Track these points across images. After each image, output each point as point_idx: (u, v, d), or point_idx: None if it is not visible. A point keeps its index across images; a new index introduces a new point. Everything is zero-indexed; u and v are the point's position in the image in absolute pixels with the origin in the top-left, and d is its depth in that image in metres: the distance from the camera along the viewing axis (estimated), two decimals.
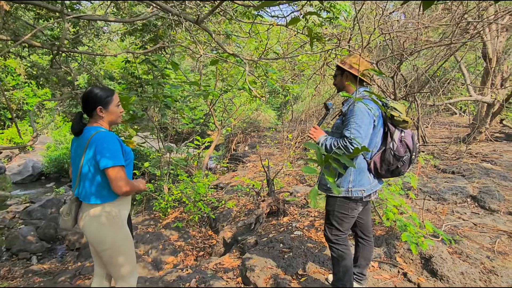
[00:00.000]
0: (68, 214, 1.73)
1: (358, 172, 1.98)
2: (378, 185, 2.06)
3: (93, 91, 1.77)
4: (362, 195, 1.97)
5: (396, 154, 1.93)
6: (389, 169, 1.97)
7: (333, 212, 2.06)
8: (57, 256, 5.65)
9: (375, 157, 1.99)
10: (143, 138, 6.87)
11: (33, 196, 8.28)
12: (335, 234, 2.08)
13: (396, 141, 1.94)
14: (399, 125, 1.94)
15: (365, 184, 1.99)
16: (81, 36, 5.82)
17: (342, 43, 4.24)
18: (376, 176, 2.03)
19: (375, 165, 1.99)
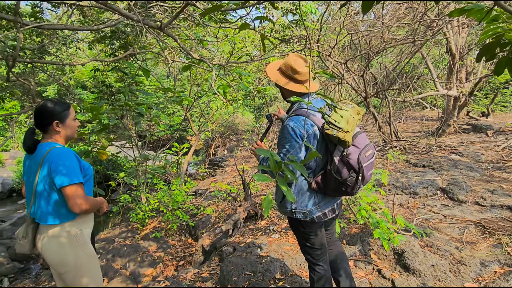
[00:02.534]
0: (24, 237, 1.65)
1: (300, 192, 1.77)
2: (332, 202, 1.84)
3: (48, 105, 1.70)
4: (306, 217, 1.77)
5: (337, 178, 1.66)
6: (335, 190, 1.73)
7: (296, 232, 1.92)
8: (31, 277, 5.41)
9: (317, 177, 1.74)
10: (119, 148, 6.71)
11: (4, 214, 7.90)
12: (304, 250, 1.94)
13: (336, 162, 1.66)
14: (337, 143, 1.63)
15: (309, 206, 1.77)
16: (46, 45, 5.62)
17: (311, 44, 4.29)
18: (325, 194, 1.80)
19: (318, 185, 1.75)
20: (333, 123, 1.59)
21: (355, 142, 1.67)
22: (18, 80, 3.27)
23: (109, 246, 4.65)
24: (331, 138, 1.62)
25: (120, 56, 4.35)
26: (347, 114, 1.62)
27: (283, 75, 1.80)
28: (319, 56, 4.67)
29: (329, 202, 1.83)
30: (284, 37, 4.20)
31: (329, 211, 1.83)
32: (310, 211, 1.78)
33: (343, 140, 1.58)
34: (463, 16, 3.87)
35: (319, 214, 1.79)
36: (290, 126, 1.66)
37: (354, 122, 1.62)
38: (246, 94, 7.89)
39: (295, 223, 1.87)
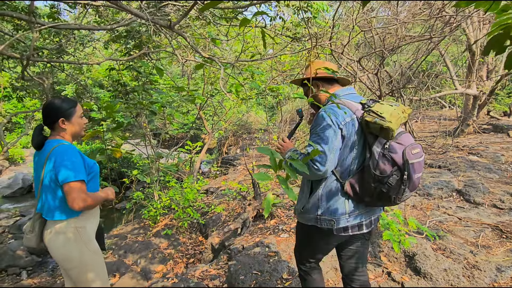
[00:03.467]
0: (31, 232, 1.68)
1: (330, 195, 1.57)
2: (366, 216, 1.60)
3: (55, 103, 1.73)
4: (332, 226, 1.55)
5: (377, 174, 1.45)
6: (373, 195, 1.49)
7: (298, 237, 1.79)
8: (48, 270, 5.57)
9: (353, 177, 1.54)
10: (134, 146, 6.82)
11: (24, 209, 8.17)
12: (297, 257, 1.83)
13: (376, 156, 1.47)
14: (378, 133, 1.46)
15: (337, 213, 1.55)
16: (64, 45, 5.75)
17: (323, 42, 4.23)
18: (359, 202, 1.56)
19: (353, 188, 1.53)
20: (374, 111, 1.46)
21: (399, 140, 1.48)
22: (33, 79, 3.35)
23: (122, 242, 4.73)
24: (370, 128, 1.46)
25: (135, 55, 4.41)
26: (391, 108, 1.48)
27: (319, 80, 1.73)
28: (331, 54, 4.60)
29: (361, 214, 1.58)
30: (296, 35, 4.16)
31: (358, 225, 1.59)
32: (338, 220, 1.54)
33: (385, 128, 1.40)
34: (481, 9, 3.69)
35: (346, 225, 1.56)
36: (325, 112, 1.52)
37: (398, 118, 1.46)
38: (259, 93, 7.88)
39: (305, 228, 1.67)
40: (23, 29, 4.89)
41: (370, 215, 1.62)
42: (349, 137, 1.52)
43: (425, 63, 9.84)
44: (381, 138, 1.47)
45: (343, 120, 1.51)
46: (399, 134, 1.51)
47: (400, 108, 1.53)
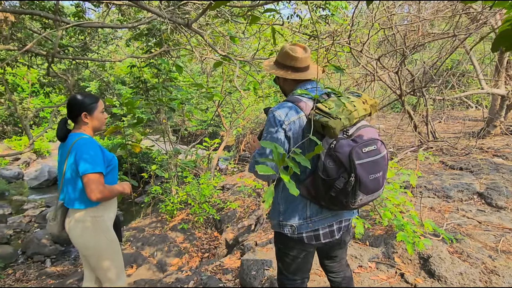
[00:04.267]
0: (54, 219, 1.78)
1: (289, 200, 1.46)
2: (329, 219, 1.47)
3: (78, 98, 1.81)
4: (294, 233, 1.45)
5: (323, 177, 1.32)
6: (325, 198, 1.37)
7: (276, 247, 1.63)
8: (70, 259, 5.80)
9: (308, 179, 1.41)
10: (154, 141, 6.99)
11: (49, 200, 8.54)
12: (279, 278, 1.66)
13: (322, 157, 1.33)
14: (322, 132, 1.34)
15: (296, 218, 1.45)
16: (88, 43, 5.94)
17: (341, 39, 4.18)
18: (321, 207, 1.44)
19: (309, 192, 1.41)
20: (320, 108, 1.33)
21: (355, 136, 1.36)
22: (58, 75, 3.49)
23: (139, 235, 4.86)
24: (315, 126, 1.33)
25: (155, 53, 4.50)
26: (347, 100, 1.37)
27: (280, 66, 1.58)
28: (350, 52, 4.53)
29: (326, 218, 1.46)
30: (313, 33, 4.13)
31: (324, 233, 1.47)
32: (298, 225, 1.44)
33: (326, 126, 1.28)
34: None
35: (310, 233, 1.45)
36: (271, 112, 1.43)
37: (353, 111, 1.35)
38: (278, 91, 7.87)
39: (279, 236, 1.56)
40: (50, 27, 5.10)
41: (338, 218, 1.49)
42: (296, 137, 1.41)
43: (450, 61, 9.52)
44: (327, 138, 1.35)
45: (288, 119, 1.40)
46: (357, 129, 1.39)
47: (360, 100, 1.42)
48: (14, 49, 3.87)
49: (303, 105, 1.43)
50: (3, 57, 5.14)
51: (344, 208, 1.38)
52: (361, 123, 1.43)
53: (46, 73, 3.16)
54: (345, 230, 1.56)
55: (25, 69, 6.69)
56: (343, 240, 1.59)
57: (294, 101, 1.46)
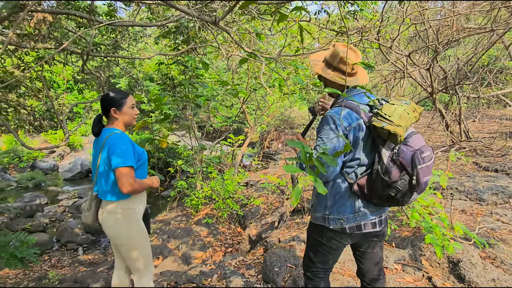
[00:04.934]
0: (89, 210, 1.87)
1: (338, 195, 1.57)
2: (374, 214, 1.59)
3: (108, 94, 1.89)
4: (342, 225, 1.56)
5: (385, 179, 1.44)
6: (381, 197, 1.49)
7: (309, 236, 1.74)
8: (101, 248, 6.06)
9: (361, 179, 1.54)
10: (180, 137, 7.14)
11: (81, 191, 8.95)
12: (306, 264, 1.75)
13: (384, 161, 1.46)
14: (387, 138, 1.44)
15: (346, 212, 1.56)
16: (119, 41, 6.14)
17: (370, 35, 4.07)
18: (368, 202, 1.56)
19: (361, 190, 1.53)
20: (382, 115, 1.43)
21: (409, 142, 1.45)
22: (91, 72, 3.64)
23: (165, 228, 5.00)
24: (379, 132, 1.44)
25: (182, 50, 4.58)
26: (401, 109, 1.45)
27: (328, 66, 1.64)
28: (379, 48, 4.42)
29: (372, 212, 1.57)
30: (341, 29, 4.05)
31: (366, 224, 1.57)
32: (347, 219, 1.56)
33: (393, 134, 1.38)
34: None
35: (353, 224, 1.56)
36: (330, 116, 1.51)
37: (408, 119, 1.44)
38: (303, 88, 7.80)
39: (316, 227, 1.66)
40: (84, 26, 5.32)
41: (381, 213, 1.61)
42: (355, 142, 1.52)
43: (487, 57, 9.04)
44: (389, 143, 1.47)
45: (349, 125, 1.50)
46: (409, 136, 1.48)
47: (411, 107, 1.50)
48: (51, 47, 4.07)
49: (360, 111, 1.53)
50: (42, 55, 5.41)
51: (396, 205, 1.53)
52: (410, 129, 1.52)
53: (81, 71, 3.31)
54: (385, 222, 1.67)
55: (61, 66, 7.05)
56: (382, 232, 1.67)
57: (352, 107, 1.53)
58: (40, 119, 13.82)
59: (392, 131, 1.38)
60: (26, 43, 3.93)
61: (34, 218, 6.86)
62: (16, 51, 4.88)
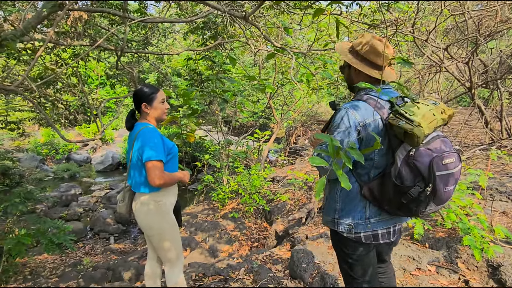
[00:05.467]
0: (123, 201, 1.93)
1: (348, 198, 1.45)
2: (389, 222, 1.46)
3: (139, 89, 1.93)
4: (351, 232, 1.44)
5: (396, 183, 1.31)
6: (392, 203, 1.35)
7: (336, 250, 1.60)
8: (131, 238, 6.29)
9: (373, 182, 1.40)
10: (206, 132, 7.24)
11: (113, 183, 9.31)
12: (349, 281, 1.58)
13: (398, 163, 1.32)
14: (402, 139, 1.29)
15: (355, 218, 1.43)
16: (149, 37, 6.28)
17: (405, 28, 3.91)
18: (380, 209, 1.43)
19: (371, 194, 1.40)
20: (401, 113, 1.28)
21: (430, 145, 1.30)
22: (124, 68, 3.75)
23: (193, 221, 5.10)
24: (395, 131, 1.29)
25: (210, 46, 4.61)
26: (425, 108, 1.30)
27: (356, 56, 1.51)
28: (414, 41, 4.23)
29: (385, 221, 1.45)
30: (374, 22, 3.92)
31: (382, 233, 1.45)
32: (356, 224, 1.43)
33: (410, 134, 1.23)
34: None
35: (368, 233, 1.43)
36: (344, 110, 1.40)
37: (433, 120, 1.29)
38: (331, 83, 7.65)
39: (336, 237, 1.53)
40: (116, 23, 5.47)
41: (395, 222, 1.48)
42: (368, 140, 1.38)
43: None
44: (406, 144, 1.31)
45: (362, 120, 1.37)
46: (432, 139, 1.33)
47: (439, 108, 1.34)
48: (86, 44, 4.23)
49: (378, 107, 1.40)
50: (77, 52, 5.63)
51: (410, 215, 1.39)
52: (435, 132, 1.36)
53: (115, 66, 3.41)
54: (398, 233, 1.56)
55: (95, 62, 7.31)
56: (394, 243, 1.57)
57: (370, 102, 1.42)
58: (75, 113, 14.46)
59: (409, 131, 1.23)
60: (64, 41, 4.10)
61: (70, 207, 7.22)
62: (54, 48, 5.10)
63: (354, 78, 1.55)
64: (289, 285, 2.68)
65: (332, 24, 5.10)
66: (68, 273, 3.73)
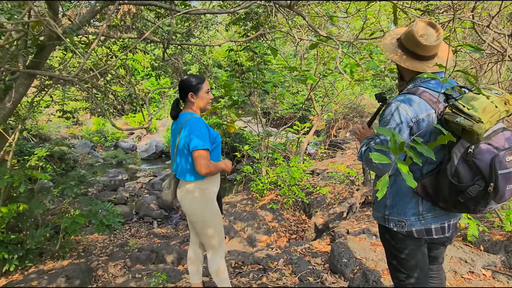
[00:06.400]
0: (168, 188, 1.99)
1: (399, 195, 1.38)
2: (443, 218, 1.38)
3: (186, 79, 1.97)
4: (402, 228, 1.39)
5: (453, 181, 1.22)
6: (448, 201, 1.27)
7: (385, 244, 1.55)
8: (172, 223, 6.56)
9: (426, 178, 1.32)
10: (246, 123, 7.30)
11: (156, 170, 9.73)
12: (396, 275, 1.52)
13: (455, 161, 1.22)
14: (460, 135, 1.19)
15: (407, 214, 1.37)
16: (192, 29, 6.40)
17: (463, 13, 3.60)
18: (434, 205, 1.35)
19: (425, 191, 1.32)
20: (459, 107, 1.18)
21: (492, 141, 1.19)
22: (170, 59, 3.85)
23: (232, 210, 5.19)
24: (451, 127, 1.19)
25: (252, 36, 4.60)
26: (486, 101, 1.18)
27: (401, 48, 1.41)
28: (473, 28, 3.89)
29: (439, 216, 1.38)
30: (428, 7, 3.66)
31: (436, 229, 1.38)
32: (408, 221, 1.38)
33: (469, 131, 1.13)
34: None
35: (421, 228, 1.37)
36: (395, 104, 1.31)
37: (495, 113, 1.18)
38: (376, 74, 7.33)
39: (385, 232, 1.49)
40: (162, 16, 5.63)
41: (451, 218, 1.40)
42: (422, 135, 1.28)
43: None
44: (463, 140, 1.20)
45: (415, 116, 1.28)
46: (494, 133, 1.20)
47: (501, 99, 1.20)
48: (134, 37, 4.40)
49: (433, 100, 1.30)
50: (126, 44, 5.89)
51: (468, 212, 1.33)
52: (498, 124, 1.24)
53: (162, 58, 3.52)
54: (453, 228, 1.46)
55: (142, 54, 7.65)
56: (449, 239, 1.49)
57: (422, 95, 1.32)
58: (122, 103, 15.24)
59: (468, 128, 1.13)
60: (114, 34, 4.29)
61: (117, 192, 7.66)
62: (105, 41, 5.38)
63: (404, 72, 1.46)
64: (329, 279, 2.63)
65: (381, 12, 4.85)
66: (116, 253, 3.97)
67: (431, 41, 1.32)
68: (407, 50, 1.40)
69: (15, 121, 3.77)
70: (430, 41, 1.32)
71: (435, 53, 1.38)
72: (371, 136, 1.51)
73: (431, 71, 1.36)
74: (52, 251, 3.60)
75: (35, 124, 7.08)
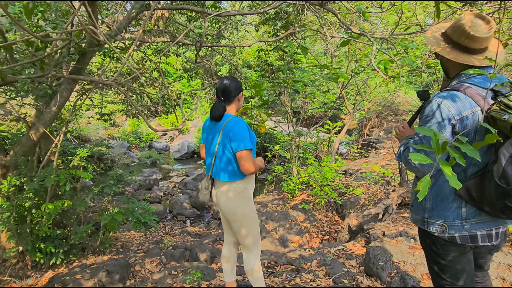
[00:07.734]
0: (206, 189, 2.03)
1: (440, 197, 1.31)
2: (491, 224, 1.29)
3: (235, 81, 1.99)
4: (444, 232, 1.31)
5: (501, 184, 1.13)
6: (494, 205, 1.19)
7: (425, 249, 1.47)
8: (204, 222, 6.68)
9: (470, 181, 1.25)
10: (276, 122, 7.28)
11: (188, 170, 9.95)
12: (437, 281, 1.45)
13: (502, 161, 1.13)
14: (509, 134, 1.12)
15: (449, 218, 1.30)
16: (222, 31, 6.49)
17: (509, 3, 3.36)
18: (480, 210, 1.27)
19: (468, 194, 1.25)
20: (508, 104, 1.12)
21: None
22: (202, 61, 3.92)
23: (263, 210, 5.19)
24: (499, 126, 1.13)
25: (281, 36, 4.58)
26: None
27: (448, 41, 1.35)
28: None
29: (485, 222, 1.29)
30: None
31: (482, 235, 1.29)
32: (450, 225, 1.30)
33: None
34: None
35: (464, 234, 1.29)
36: (436, 101, 1.26)
37: None
38: (412, 70, 7.04)
39: (425, 237, 1.42)
40: (194, 19, 5.76)
41: (499, 224, 1.30)
42: (465, 134, 1.21)
43: None
44: None
45: (459, 113, 1.22)
46: None
47: None
48: (167, 40, 4.53)
49: (478, 97, 1.23)
50: (159, 48, 6.09)
51: None
52: None
53: (195, 60, 3.59)
54: (502, 236, 1.36)
55: (174, 57, 7.86)
56: (497, 247, 1.40)
57: (467, 91, 1.25)
58: (156, 105, 15.75)
59: None
60: (148, 38, 4.45)
61: (152, 191, 7.92)
62: (140, 45, 5.58)
63: (450, 67, 1.39)
64: (364, 282, 2.56)
65: (418, 6, 4.65)
66: (152, 250, 4.11)
67: (481, 32, 1.26)
68: (453, 43, 1.33)
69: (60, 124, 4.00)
70: (480, 33, 1.26)
71: (486, 46, 1.30)
72: (411, 135, 1.45)
73: (480, 64, 1.28)
74: (93, 246, 3.79)
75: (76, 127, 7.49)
